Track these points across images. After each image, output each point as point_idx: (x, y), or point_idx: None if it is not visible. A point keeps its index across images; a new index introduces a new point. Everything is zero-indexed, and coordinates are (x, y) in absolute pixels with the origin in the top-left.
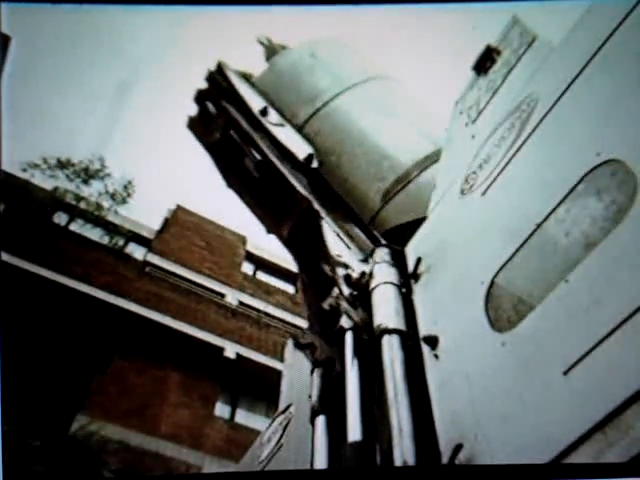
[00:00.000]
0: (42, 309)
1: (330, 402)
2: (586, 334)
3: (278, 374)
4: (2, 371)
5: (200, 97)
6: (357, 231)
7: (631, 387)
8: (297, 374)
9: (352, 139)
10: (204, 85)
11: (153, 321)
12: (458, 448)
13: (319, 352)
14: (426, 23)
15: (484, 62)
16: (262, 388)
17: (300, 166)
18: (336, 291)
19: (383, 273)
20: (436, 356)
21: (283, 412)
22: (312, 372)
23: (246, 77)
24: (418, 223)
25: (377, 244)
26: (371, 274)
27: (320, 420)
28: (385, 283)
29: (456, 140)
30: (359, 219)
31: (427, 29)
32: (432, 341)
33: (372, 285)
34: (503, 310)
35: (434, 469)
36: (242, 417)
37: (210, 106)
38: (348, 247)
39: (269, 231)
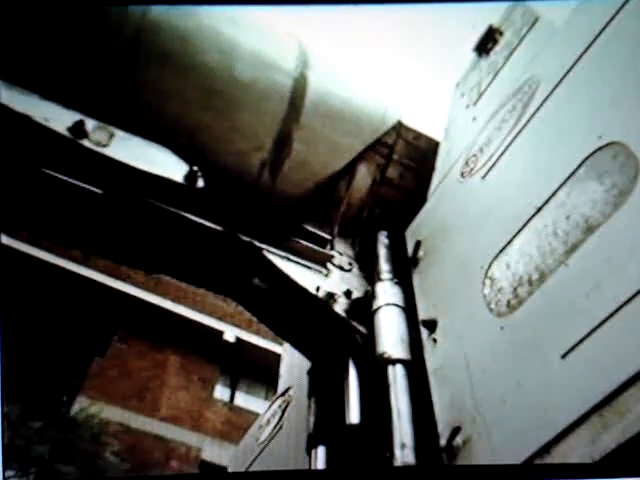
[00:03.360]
0: (42, 292)
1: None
2: (585, 318)
3: (277, 357)
4: (3, 354)
5: None
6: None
7: (629, 370)
8: (296, 357)
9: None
10: None
11: (153, 304)
12: (456, 430)
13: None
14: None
15: (486, 43)
16: (261, 371)
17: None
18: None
19: (387, 293)
20: (434, 340)
21: (282, 395)
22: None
23: None
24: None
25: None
26: (373, 294)
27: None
28: (388, 305)
29: (457, 122)
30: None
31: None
32: (431, 325)
33: (375, 306)
34: (502, 294)
35: (434, 469)
36: (241, 400)
37: None
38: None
39: None
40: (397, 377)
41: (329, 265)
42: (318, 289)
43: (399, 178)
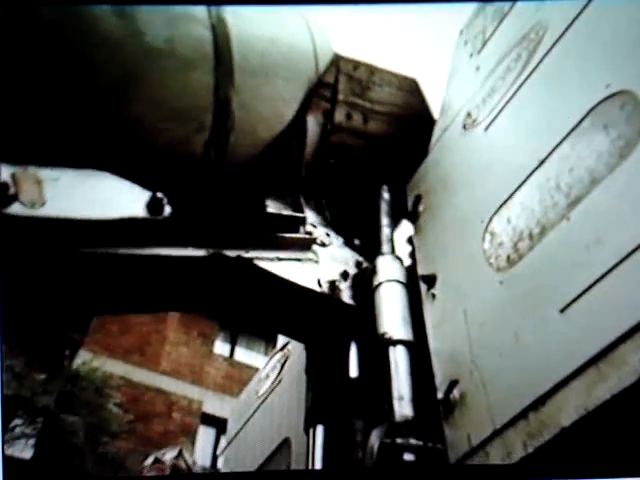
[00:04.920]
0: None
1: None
2: (585, 272)
3: None
4: (4, 308)
5: None
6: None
7: (627, 323)
8: None
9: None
10: None
11: None
12: (453, 384)
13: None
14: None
15: None
16: (260, 327)
17: None
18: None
19: (388, 269)
20: (433, 295)
21: (281, 349)
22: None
23: None
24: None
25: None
26: (374, 269)
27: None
28: (389, 281)
29: (459, 72)
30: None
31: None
32: (430, 280)
33: (375, 282)
34: (503, 249)
35: (433, 469)
36: (241, 355)
37: None
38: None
39: None
40: (398, 358)
41: (314, 247)
42: (320, 283)
43: (347, 120)
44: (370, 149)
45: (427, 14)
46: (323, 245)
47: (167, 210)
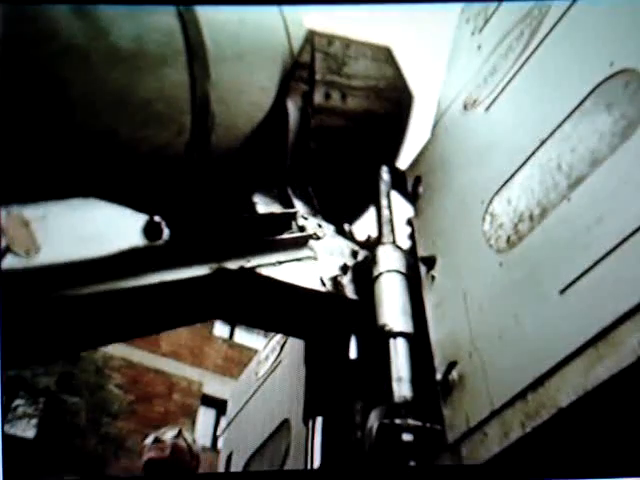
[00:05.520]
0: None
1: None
2: (585, 253)
3: None
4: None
5: None
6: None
7: (626, 304)
8: None
9: None
10: None
11: None
12: (452, 365)
13: None
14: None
15: None
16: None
17: None
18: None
19: (388, 259)
20: (433, 277)
21: None
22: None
23: None
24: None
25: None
26: (374, 258)
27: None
28: (390, 271)
29: (461, 51)
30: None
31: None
32: (430, 261)
33: (375, 273)
34: (503, 230)
35: (433, 469)
36: (240, 337)
37: None
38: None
39: None
40: (399, 350)
41: (310, 242)
42: (323, 282)
43: (325, 100)
44: (350, 127)
45: None
46: (318, 238)
47: (166, 233)
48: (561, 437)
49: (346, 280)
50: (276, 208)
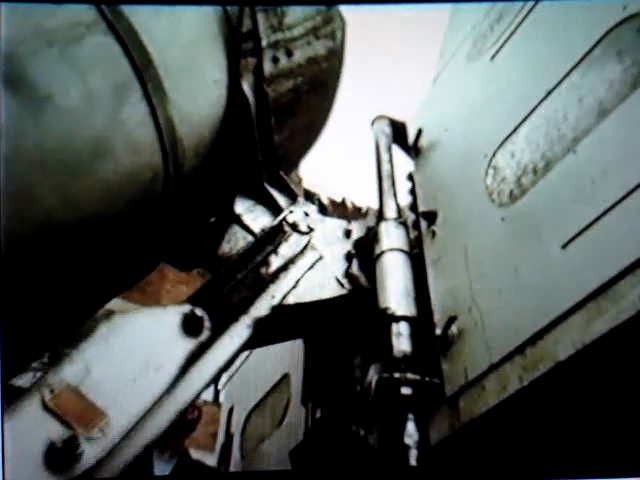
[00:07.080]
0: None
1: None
2: (588, 207)
3: None
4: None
5: None
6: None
7: (627, 259)
8: None
9: None
10: None
11: None
12: (452, 320)
13: None
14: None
15: None
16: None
17: None
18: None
19: (391, 237)
20: (433, 232)
21: None
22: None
23: None
24: None
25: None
26: (376, 235)
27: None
28: (392, 250)
29: None
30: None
31: None
32: (430, 216)
33: (377, 251)
34: (505, 184)
35: (433, 469)
36: None
37: None
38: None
39: None
40: (402, 335)
41: (312, 243)
42: (341, 283)
43: (274, 65)
44: (299, 84)
45: None
46: (312, 230)
47: (206, 326)
48: (558, 391)
49: (355, 268)
50: (260, 211)
